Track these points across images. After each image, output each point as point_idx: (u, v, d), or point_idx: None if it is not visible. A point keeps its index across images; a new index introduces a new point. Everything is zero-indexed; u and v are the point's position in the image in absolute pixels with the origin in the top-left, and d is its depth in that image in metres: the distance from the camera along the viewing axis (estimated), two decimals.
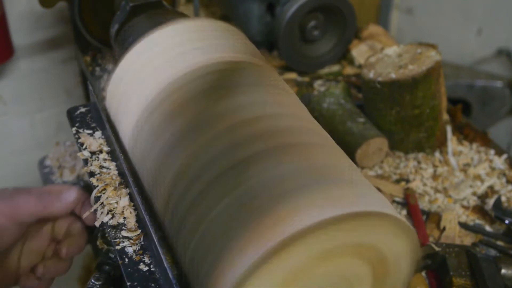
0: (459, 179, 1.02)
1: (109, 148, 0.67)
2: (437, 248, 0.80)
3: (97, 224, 0.58)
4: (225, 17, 1.52)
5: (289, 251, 0.44)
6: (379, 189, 0.98)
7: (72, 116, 0.73)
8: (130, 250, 0.55)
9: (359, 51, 1.39)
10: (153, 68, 0.63)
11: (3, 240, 0.59)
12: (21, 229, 0.61)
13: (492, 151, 1.08)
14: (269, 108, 0.57)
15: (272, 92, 0.60)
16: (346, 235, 0.47)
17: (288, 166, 0.49)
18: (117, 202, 0.60)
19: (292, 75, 1.34)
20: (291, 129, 0.55)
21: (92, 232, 0.73)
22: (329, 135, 0.60)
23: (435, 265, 0.80)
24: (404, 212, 0.95)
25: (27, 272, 0.66)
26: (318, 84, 1.30)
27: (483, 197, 0.98)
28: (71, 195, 0.62)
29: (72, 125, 0.71)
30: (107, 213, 0.59)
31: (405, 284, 0.55)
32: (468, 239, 0.89)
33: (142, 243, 0.56)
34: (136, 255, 0.55)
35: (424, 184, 1.01)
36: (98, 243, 0.69)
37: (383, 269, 0.52)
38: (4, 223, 0.58)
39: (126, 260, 0.54)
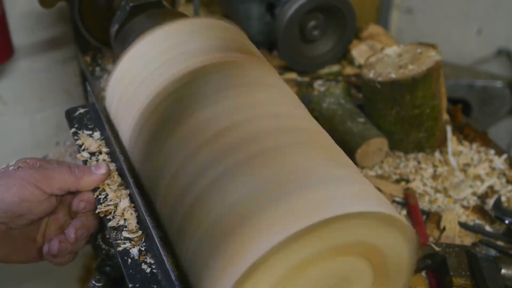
0: (459, 179, 1.02)
1: (108, 149, 0.67)
2: (437, 248, 0.81)
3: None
4: (225, 17, 1.52)
5: (282, 253, 0.45)
6: (379, 189, 0.98)
7: (70, 117, 0.73)
8: (131, 251, 0.55)
9: (359, 51, 1.39)
10: (150, 72, 0.64)
11: (33, 211, 0.60)
12: (51, 203, 0.61)
13: (492, 151, 1.08)
14: (237, 115, 0.56)
15: (245, 92, 0.60)
16: (335, 236, 0.47)
17: (260, 177, 0.50)
18: (117, 204, 0.60)
19: (292, 75, 1.34)
20: (265, 133, 0.54)
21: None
22: (317, 127, 0.60)
23: (435, 265, 0.80)
24: (404, 212, 0.95)
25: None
26: (318, 84, 1.30)
27: (483, 197, 0.98)
28: (102, 168, 0.62)
29: (71, 126, 0.71)
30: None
31: (407, 282, 0.55)
32: (468, 239, 0.89)
33: (144, 244, 0.56)
34: (138, 256, 0.55)
35: (424, 184, 1.01)
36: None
37: (382, 267, 0.52)
38: (32, 192, 0.59)
39: (128, 261, 0.54)
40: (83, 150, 0.67)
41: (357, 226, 0.47)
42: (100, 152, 0.67)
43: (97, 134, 0.69)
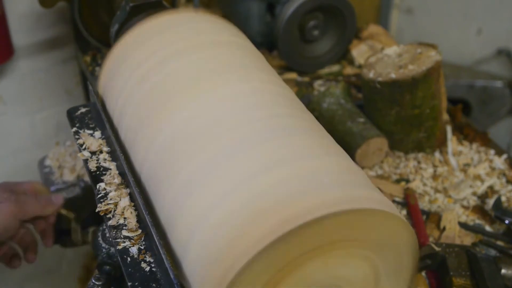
0: (459, 179, 1.02)
1: (109, 148, 0.67)
2: (437, 248, 0.81)
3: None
4: (225, 17, 1.52)
5: (276, 250, 0.45)
6: (379, 189, 0.98)
7: (72, 117, 0.73)
8: (131, 250, 0.55)
9: (359, 51, 1.39)
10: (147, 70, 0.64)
11: (6, 235, 0.76)
12: (20, 225, 0.78)
13: (492, 151, 1.08)
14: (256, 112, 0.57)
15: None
16: (330, 233, 0.47)
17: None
18: (117, 203, 0.60)
19: (292, 75, 1.34)
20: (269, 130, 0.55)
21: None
22: (317, 125, 0.60)
23: (435, 265, 0.80)
24: (404, 212, 0.95)
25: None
26: (318, 84, 1.30)
27: (483, 197, 0.98)
28: (60, 199, 0.81)
29: (72, 126, 0.71)
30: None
31: (410, 282, 0.55)
32: (468, 239, 0.89)
33: (143, 243, 0.56)
34: (137, 255, 0.55)
35: (424, 184, 1.01)
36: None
37: (383, 269, 0.52)
38: (12, 222, 0.75)
39: (127, 260, 0.54)
40: (84, 149, 0.67)
41: (360, 223, 0.47)
42: (101, 151, 0.67)
43: (98, 134, 0.69)
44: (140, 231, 0.57)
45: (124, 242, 0.56)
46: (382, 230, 0.49)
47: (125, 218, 0.58)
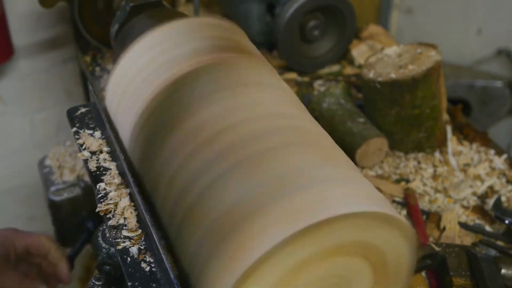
0: (459, 179, 1.02)
1: (109, 148, 0.67)
2: (437, 248, 0.81)
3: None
4: (225, 17, 1.52)
5: (280, 254, 0.45)
6: (379, 189, 0.98)
7: (72, 117, 0.73)
8: (131, 250, 0.55)
9: (359, 51, 1.39)
10: (148, 73, 0.64)
11: None
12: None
13: (492, 151, 1.08)
14: (232, 116, 0.56)
15: (240, 93, 0.59)
16: (332, 236, 0.47)
17: (255, 179, 0.50)
18: (117, 203, 0.60)
19: (292, 75, 1.34)
20: (259, 134, 0.54)
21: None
22: (314, 125, 0.59)
23: (435, 265, 0.80)
24: (404, 212, 0.95)
25: None
26: (318, 84, 1.30)
27: (483, 197, 0.98)
28: (67, 279, 0.79)
29: (72, 126, 0.71)
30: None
31: (406, 280, 0.55)
32: (468, 239, 0.89)
33: (143, 243, 0.56)
34: (137, 255, 0.55)
35: (424, 184, 1.01)
36: None
37: (382, 266, 0.52)
38: None
39: (127, 260, 0.54)
40: (84, 149, 0.67)
41: (353, 226, 0.47)
42: (101, 151, 0.67)
43: (98, 134, 0.69)
44: (140, 231, 0.57)
45: (124, 242, 0.56)
46: (383, 231, 0.49)
47: (125, 218, 0.58)
